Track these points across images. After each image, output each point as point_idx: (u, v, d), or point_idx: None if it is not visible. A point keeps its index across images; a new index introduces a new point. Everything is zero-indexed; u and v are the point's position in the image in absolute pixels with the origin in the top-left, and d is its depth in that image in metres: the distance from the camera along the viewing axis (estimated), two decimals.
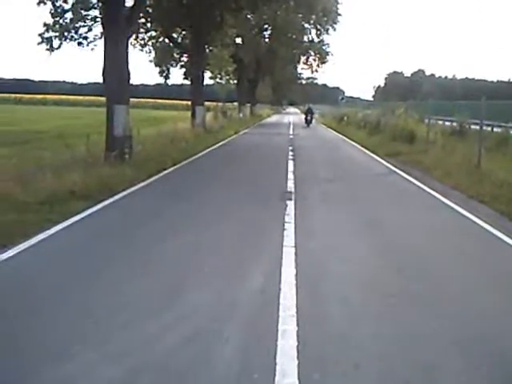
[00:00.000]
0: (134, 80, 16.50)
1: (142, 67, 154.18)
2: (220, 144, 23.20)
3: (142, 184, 11.87)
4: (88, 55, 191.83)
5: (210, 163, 17.09)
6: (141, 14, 25.69)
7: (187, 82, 34.80)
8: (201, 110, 27.59)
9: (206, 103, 31.42)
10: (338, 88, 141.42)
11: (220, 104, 46.21)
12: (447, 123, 27.15)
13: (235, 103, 52.55)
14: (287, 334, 4.27)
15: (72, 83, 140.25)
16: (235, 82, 52.64)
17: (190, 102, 29.73)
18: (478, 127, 16.80)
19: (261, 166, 16.47)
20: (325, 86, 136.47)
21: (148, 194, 10.96)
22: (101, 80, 15.18)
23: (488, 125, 22.02)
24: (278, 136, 30.36)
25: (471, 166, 14.58)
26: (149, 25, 30.16)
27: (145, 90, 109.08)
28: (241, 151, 21.51)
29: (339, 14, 37.17)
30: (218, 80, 48.15)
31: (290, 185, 12.21)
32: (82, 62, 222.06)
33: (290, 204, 9.69)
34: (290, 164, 16.35)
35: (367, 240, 7.43)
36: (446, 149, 18.33)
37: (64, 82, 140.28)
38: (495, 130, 22.55)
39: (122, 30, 14.64)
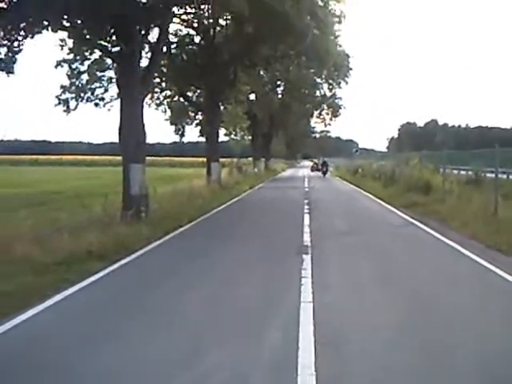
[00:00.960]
0: (151, 139, 16.87)
1: (158, 126, 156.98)
2: (235, 200, 23.35)
3: (159, 242, 11.90)
4: (104, 115, 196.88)
5: (225, 219, 17.19)
6: (155, 74, 26.40)
7: (203, 140, 35.32)
8: (216, 166, 27.90)
9: (221, 159, 31.79)
10: (351, 140, 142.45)
11: (235, 160, 46.75)
12: (462, 172, 27.07)
13: (250, 158, 53.09)
14: None
15: (88, 143, 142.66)
16: (250, 137, 53.43)
17: (205, 159, 30.07)
18: (493, 175, 16.75)
19: (276, 221, 16.45)
20: (338, 138, 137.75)
21: (164, 252, 11.02)
22: (116, 139, 15.46)
23: (503, 172, 21.95)
24: (292, 190, 30.50)
25: (488, 215, 14.44)
26: (164, 84, 30.91)
27: (161, 149, 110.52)
28: (256, 206, 21.62)
29: (350, 68, 37.89)
30: (232, 136, 48.94)
31: (306, 239, 12.16)
32: (98, 123, 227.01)
33: (307, 258, 9.64)
34: (306, 217, 16.33)
35: (386, 296, 7.31)
36: (462, 198, 18.20)
37: (81, 142, 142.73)
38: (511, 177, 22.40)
39: (137, 90, 14.96)
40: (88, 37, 15.99)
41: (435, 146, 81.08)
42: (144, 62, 16.98)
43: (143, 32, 15.83)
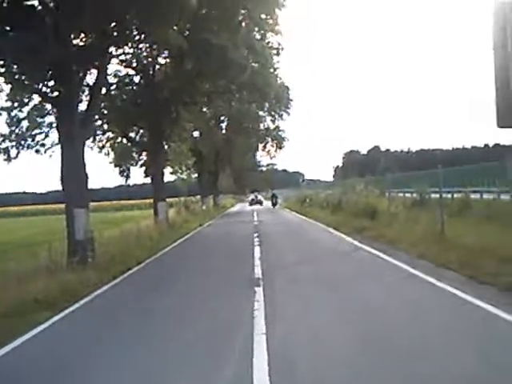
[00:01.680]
0: (95, 184, 16.57)
1: (102, 170, 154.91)
2: (184, 238, 23.12)
3: (106, 287, 11.59)
4: (46, 164, 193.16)
5: (174, 258, 17.03)
6: (96, 116, 26.16)
7: (148, 181, 34.80)
8: (163, 205, 27.60)
9: (169, 199, 31.54)
10: (298, 172, 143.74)
11: (182, 199, 46.53)
12: (407, 195, 27.64)
13: (198, 196, 52.97)
14: None
15: (33, 193, 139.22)
16: (196, 175, 53.39)
17: (152, 200, 29.70)
18: (437, 195, 17.10)
19: (227, 256, 16.33)
20: (285, 171, 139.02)
21: (111, 298, 10.70)
22: (60, 187, 15.12)
23: (448, 191, 22.43)
24: (242, 224, 30.42)
25: (435, 235, 14.70)
26: (105, 126, 30.59)
27: (107, 193, 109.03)
28: (206, 243, 21.48)
29: (291, 100, 38.45)
30: (178, 175, 48.75)
31: (258, 271, 12.07)
32: (40, 172, 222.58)
33: (259, 290, 9.54)
34: (257, 250, 16.28)
35: (342, 324, 7.23)
36: (409, 220, 18.52)
37: (24, 192, 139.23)
38: (456, 195, 22.88)
39: (77, 134, 14.73)
40: (25, 82, 15.72)
41: (379, 172, 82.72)
42: (83, 105, 16.89)
43: (81, 74, 15.71)
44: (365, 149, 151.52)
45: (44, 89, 15.55)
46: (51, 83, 15.24)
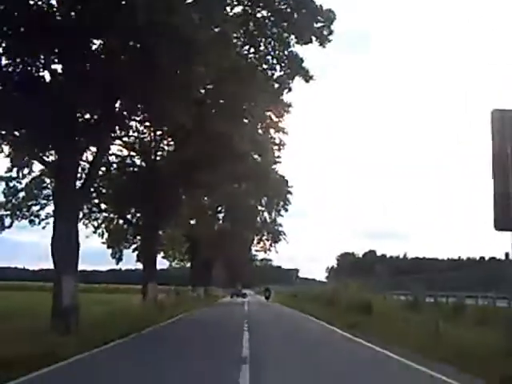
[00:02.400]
0: (86, 267, 16.38)
1: (94, 253, 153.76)
2: (171, 320, 22.49)
3: (86, 354, 11.17)
4: (37, 239, 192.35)
5: (159, 337, 16.62)
6: (93, 193, 26.31)
7: (140, 267, 33.99)
8: (152, 287, 27.07)
9: (160, 287, 31.04)
10: (292, 269, 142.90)
11: (173, 287, 45.87)
12: (402, 297, 27.35)
13: (189, 287, 52.19)
14: None
15: (24, 269, 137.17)
16: (189, 264, 53.03)
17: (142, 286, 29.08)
18: (432, 299, 16.95)
19: (212, 344, 15.59)
20: (279, 267, 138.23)
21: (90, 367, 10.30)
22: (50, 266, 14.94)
23: (442, 295, 22.25)
24: (233, 313, 29.95)
25: (430, 333, 14.35)
26: (102, 206, 30.60)
27: (98, 276, 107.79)
28: (192, 327, 21.01)
29: (290, 193, 38.77)
30: (171, 260, 48.38)
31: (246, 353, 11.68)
32: (34, 249, 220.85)
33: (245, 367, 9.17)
34: (246, 337, 15.80)
35: None
36: (404, 319, 18.22)
37: (16, 268, 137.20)
38: (450, 299, 22.65)
39: (72, 202, 14.73)
40: (27, 147, 15.96)
41: (374, 275, 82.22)
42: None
43: (83, 147, 15.95)
44: (360, 252, 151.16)
45: (44, 155, 15.71)
46: (51, 152, 15.40)
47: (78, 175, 16.34)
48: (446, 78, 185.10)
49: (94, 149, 17.62)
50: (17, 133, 15.42)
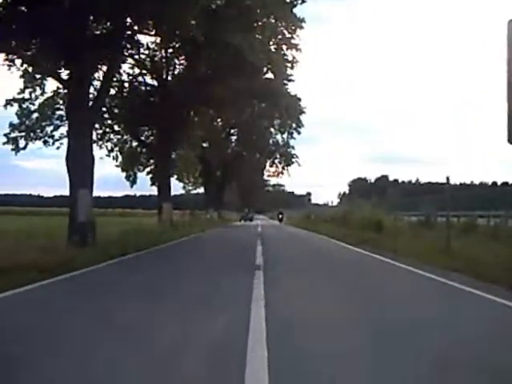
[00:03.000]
0: (102, 193, 16.43)
1: (109, 179, 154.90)
2: (186, 238, 22.92)
3: (102, 264, 11.42)
4: (54, 168, 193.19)
5: (176, 250, 16.93)
6: (106, 115, 26.19)
7: (154, 193, 34.10)
8: (167, 206, 27.33)
9: (175, 211, 31.33)
10: (304, 195, 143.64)
11: (187, 211, 46.37)
12: (414, 218, 27.39)
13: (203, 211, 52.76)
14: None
15: (38, 196, 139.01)
16: (202, 187, 53.34)
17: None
18: (444, 219, 16.90)
19: (230, 253, 16.16)
20: (292, 193, 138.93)
21: (107, 271, 10.67)
22: (67, 193, 15.00)
23: (454, 215, 22.22)
24: (247, 233, 30.44)
25: (441, 248, 14.44)
26: (116, 127, 30.54)
27: (112, 202, 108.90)
28: (209, 243, 21.35)
29: (303, 112, 38.12)
30: (185, 185, 48.57)
31: (260, 262, 11.93)
32: (48, 176, 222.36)
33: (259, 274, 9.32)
34: (259, 249, 16.07)
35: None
36: (415, 236, 18.34)
37: (30, 195, 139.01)
38: (462, 219, 22.62)
39: (85, 115, 14.62)
40: (39, 62, 15.77)
41: (386, 198, 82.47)
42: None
43: (94, 60, 15.70)
44: (373, 177, 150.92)
45: (56, 69, 15.52)
46: (63, 64, 15.20)
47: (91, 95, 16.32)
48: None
49: (105, 68, 17.47)
50: (31, 47, 15.17)
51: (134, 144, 34.30)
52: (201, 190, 57.74)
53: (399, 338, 4.91)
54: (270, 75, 26.70)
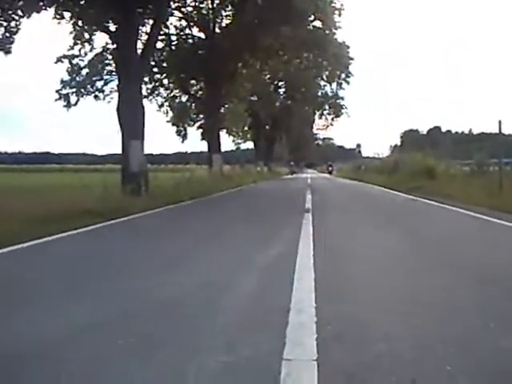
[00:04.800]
0: (153, 150, 16.61)
1: (160, 137, 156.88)
2: (238, 189, 23.26)
3: (158, 210, 11.78)
4: (105, 128, 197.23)
5: (229, 199, 17.25)
6: (156, 70, 26.39)
7: (205, 149, 34.22)
8: (218, 158, 27.56)
9: (225, 166, 31.59)
10: (354, 149, 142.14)
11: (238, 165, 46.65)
12: (466, 168, 26.82)
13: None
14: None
15: (92, 155, 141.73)
16: (252, 141, 53.40)
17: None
18: (497, 168, 16.51)
19: (282, 200, 16.41)
20: (341, 147, 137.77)
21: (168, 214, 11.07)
22: (119, 151, 15.33)
23: (507, 163, 21.67)
24: (296, 184, 30.59)
25: (493, 192, 14.22)
26: (165, 81, 30.78)
27: (164, 159, 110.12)
28: (259, 193, 21.58)
29: (351, 58, 37.44)
30: (235, 138, 48.67)
31: (309, 206, 12.04)
32: (101, 135, 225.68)
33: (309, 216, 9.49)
34: (309, 198, 16.20)
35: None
36: (466, 182, 18.04)
37: (84, 154, 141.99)
38: None
39: (135, 66, 14.86)
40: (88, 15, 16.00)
41: (438, 148, 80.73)
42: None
43: (141, 10, 15.82)
44: (425, 128, 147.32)
45: (105, 22, 15.73)
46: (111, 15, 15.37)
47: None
48: None
49: (152, 21, 17.56)
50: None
51: (184, 98, 34.57)
52: (250, 145, 57.79)
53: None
54: (317, 23, 26.37)
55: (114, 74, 25.10)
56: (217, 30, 27.64)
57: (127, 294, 3.97)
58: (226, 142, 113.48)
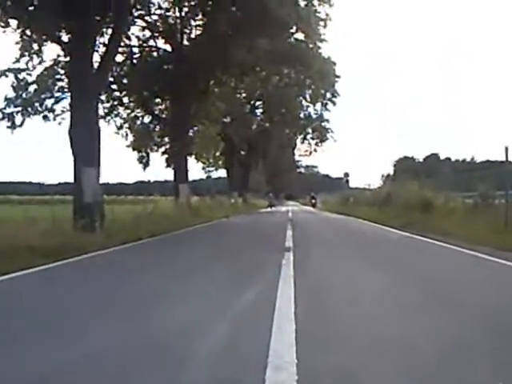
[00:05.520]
0: (110, 178, 16.50)
1: (119, 166, 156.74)
2: (209, 224, 23.17)
3: (114, 249, 11.65)
4: (54, 155, 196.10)
5: (197, 237, 17.16)
6: (115, 87, 26.38)
7: (171, 177, 34.04)
8: (185, 188, 27.53)
9: (194, 198, 31.55)
10: (341, 178, 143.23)
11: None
12: (469, 201, 27.10)
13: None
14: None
15: (39, 184, 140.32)
16: (225, 171, 53.42)
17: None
18: (503, 201, 16.69)
19: (258, 239, 16.31)
20: (327, 176, 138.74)
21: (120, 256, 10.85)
22: (71, 179, 15.26)
23: None
24: (275, 218, 30.62)
25: (498, 228, 14.34)
26: (125, 99, 30.72)
27: (124, 189, 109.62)
28: (233, 229, 21.52)
29: (337, 76, 37.82)
30: (206, 166, 48.72)
31: (290, 244, 12.01)
32: (50, 161, 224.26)
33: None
34: (289, 234, 16.18)
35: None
36: (468, 217, 18.18)
37: (30, 182, 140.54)
38: None
39: (90, 82, 14.83)
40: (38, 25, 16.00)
41: (436, 177, 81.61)
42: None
43: (98, 19, 15.86)
44: (421, 156, 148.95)
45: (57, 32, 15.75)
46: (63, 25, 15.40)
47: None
48: None
49: (111, 31, 17.59)
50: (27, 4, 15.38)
51: (147, 120, 34.50)
52: (223, 173, 57.70)
53: None
54: (299, 35, 26.64)
55: (66, 90, 24.98)
56: (185, 42, 27.82)
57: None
58: (195, 170, 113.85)
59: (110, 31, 17.59)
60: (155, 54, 28.65)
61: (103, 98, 27.00)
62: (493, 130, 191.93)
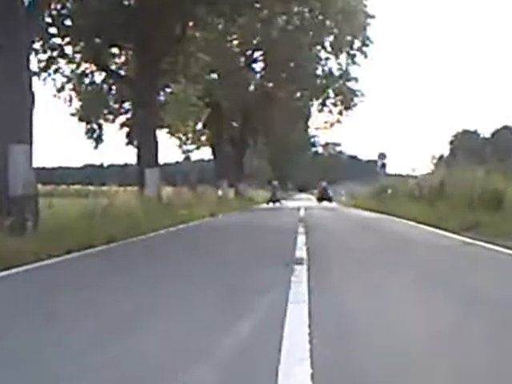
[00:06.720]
0: (48, 162, 16.37)
1: (60, 142, 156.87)
2: (187, 225, 23.43)
3: (52, 261, 11.60)
4: None
5: (170, 244, 17.27)
6: (55, 31, 26.31)
7: (132, 161, 33.80)
8: (153, 173, 27.42)
9: (167, 188, 31.56)
10: (374, 161, 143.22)
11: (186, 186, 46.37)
12: None
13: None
14: None
15: None
16: (211, 151, 52.94)
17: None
18: None
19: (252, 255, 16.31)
20: (354, 158, 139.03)
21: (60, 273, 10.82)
22: None
23: None
24: (280, 222, 30.57)
25: None
26: (69, 49, 30.58)
27: (67, 175, 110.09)
28: (219, 235, 21.48)
29: (371, 16, 37.47)
30: (182, 144, 48.64)
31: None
32: None
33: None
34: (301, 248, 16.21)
35: None
36: None
37: None
38: None
39: (18, 26, 14.72)
40: None
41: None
42: None
43: None
44: (488, 130, 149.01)
45: None
46: None
47: None
48: None
49: None
50: None
51: (99, 77, 34.41)
52: (208, 153, 56.88)
53: None
54: None
55: None
56: None
57: None
58: (168, 149, 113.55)
59: None
60: None
61: (37, 46, 26.92)
62: None
